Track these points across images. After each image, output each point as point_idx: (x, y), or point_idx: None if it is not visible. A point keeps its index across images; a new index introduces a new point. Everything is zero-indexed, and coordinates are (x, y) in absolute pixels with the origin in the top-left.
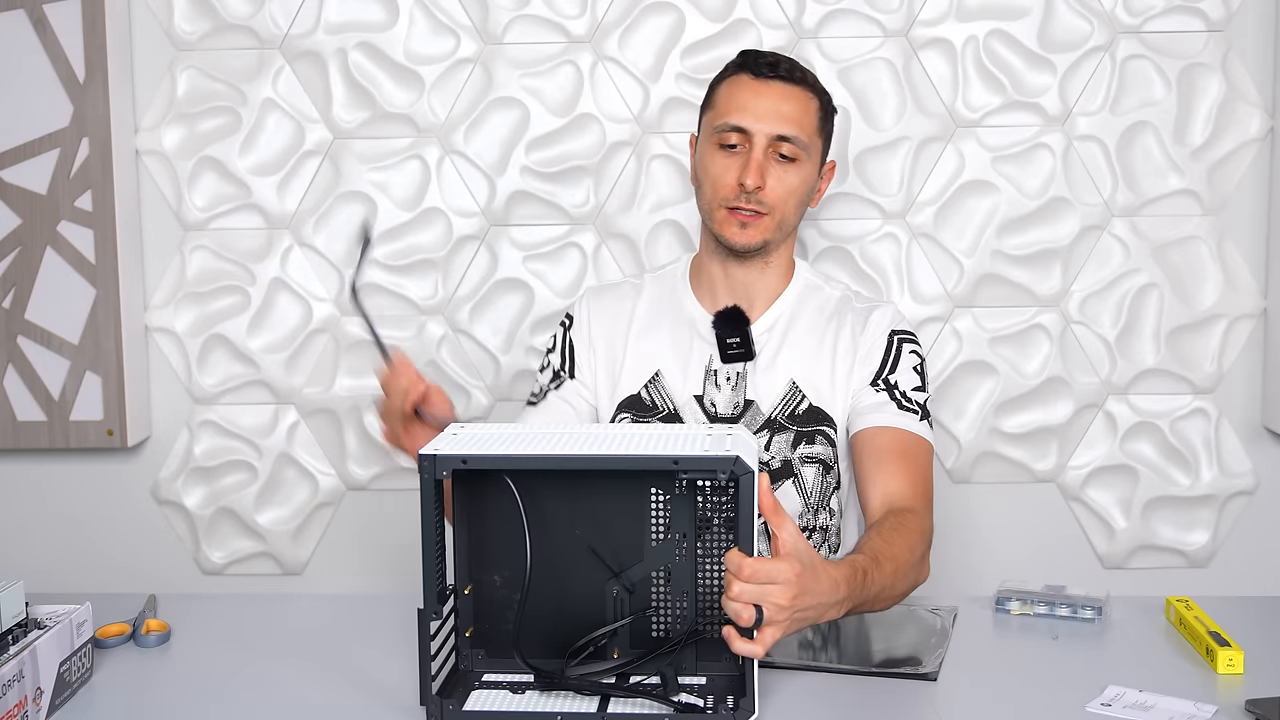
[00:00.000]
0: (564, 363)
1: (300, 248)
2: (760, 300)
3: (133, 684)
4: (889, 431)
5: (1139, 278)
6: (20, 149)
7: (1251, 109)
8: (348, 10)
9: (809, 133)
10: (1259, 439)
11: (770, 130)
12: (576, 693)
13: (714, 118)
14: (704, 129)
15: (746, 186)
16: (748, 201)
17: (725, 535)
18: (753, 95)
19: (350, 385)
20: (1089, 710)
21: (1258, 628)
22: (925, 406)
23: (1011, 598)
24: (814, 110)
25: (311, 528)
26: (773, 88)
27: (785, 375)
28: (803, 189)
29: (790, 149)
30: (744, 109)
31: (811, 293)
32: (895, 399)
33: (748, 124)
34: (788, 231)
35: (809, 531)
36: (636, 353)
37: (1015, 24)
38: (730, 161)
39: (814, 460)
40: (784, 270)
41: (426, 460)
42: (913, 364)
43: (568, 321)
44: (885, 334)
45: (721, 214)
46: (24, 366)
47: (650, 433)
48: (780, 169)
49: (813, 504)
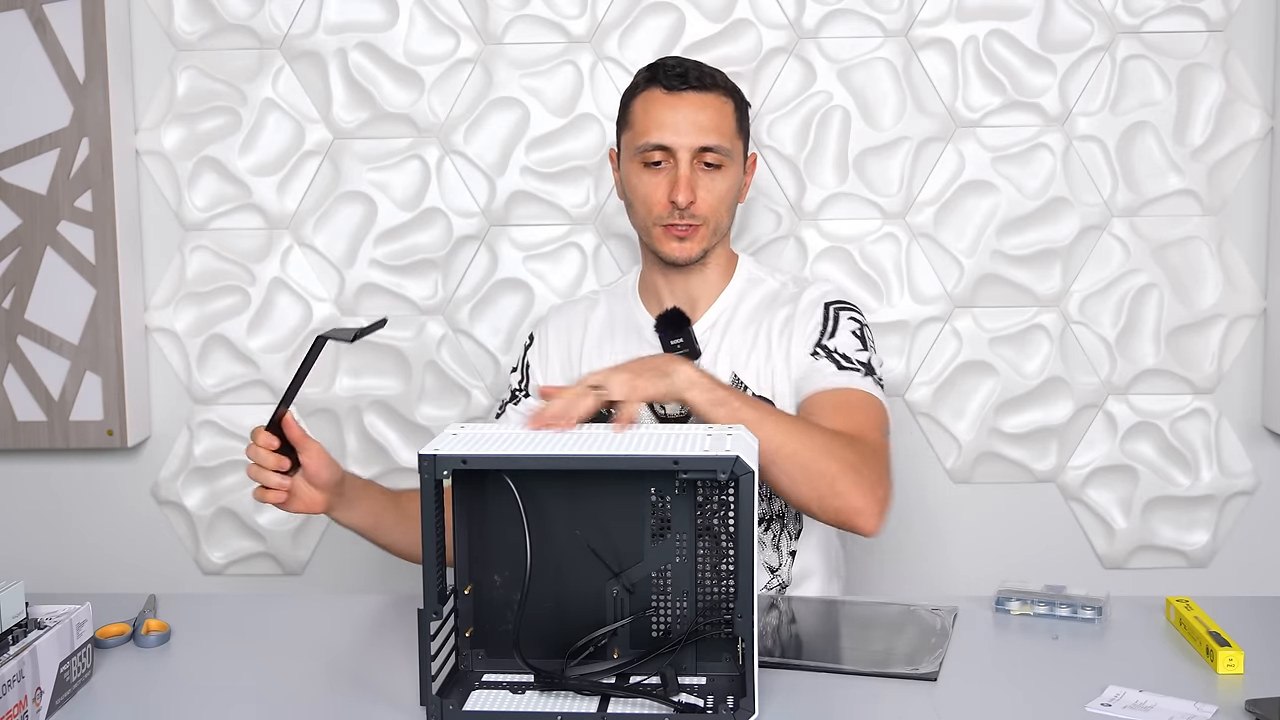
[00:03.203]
0: (522, 380)
1: (300, 248)
2: (703, 300)
3: (133, 684)
4: (827, 393)
5: (1139, 278)
6: (20, 149)
7: (1251, 109)
8: (348, 10)
9: (729, 137)
10: (1259, 439)
11: (692, 144)
12: (576, 693)
13: (634, 137)
14: (625, 147)
15: (679, 204)
16: (681, 217)
17: (725, 535)
18: (669, 110)
19: (350, 386)
20: (1089, 710)
21: (1258, 628)
22: (869, 364)
23: (1011, 598)
24: (730, 113)
25: (311, 528)
26: (687, 99)
27: (726, 369)
28: (731, 193)
29: (714, 157)
30: (663, 125)
31: (754, 286)
32: (834, 360)
33: (669, 140)
34: (722, 234)
35: (766, 521)
36: (592, 363)
37: (1015, 24)
38: (657, 179)
39: None
40: (724, 268)
41: (426, 460)
42: (851, 329)
43: (529, 341)
44: (819, 306)
45: (657, 231)
46: (24, 366)
47: (650, 433)
48: (708, 178)
49: (765, 492)
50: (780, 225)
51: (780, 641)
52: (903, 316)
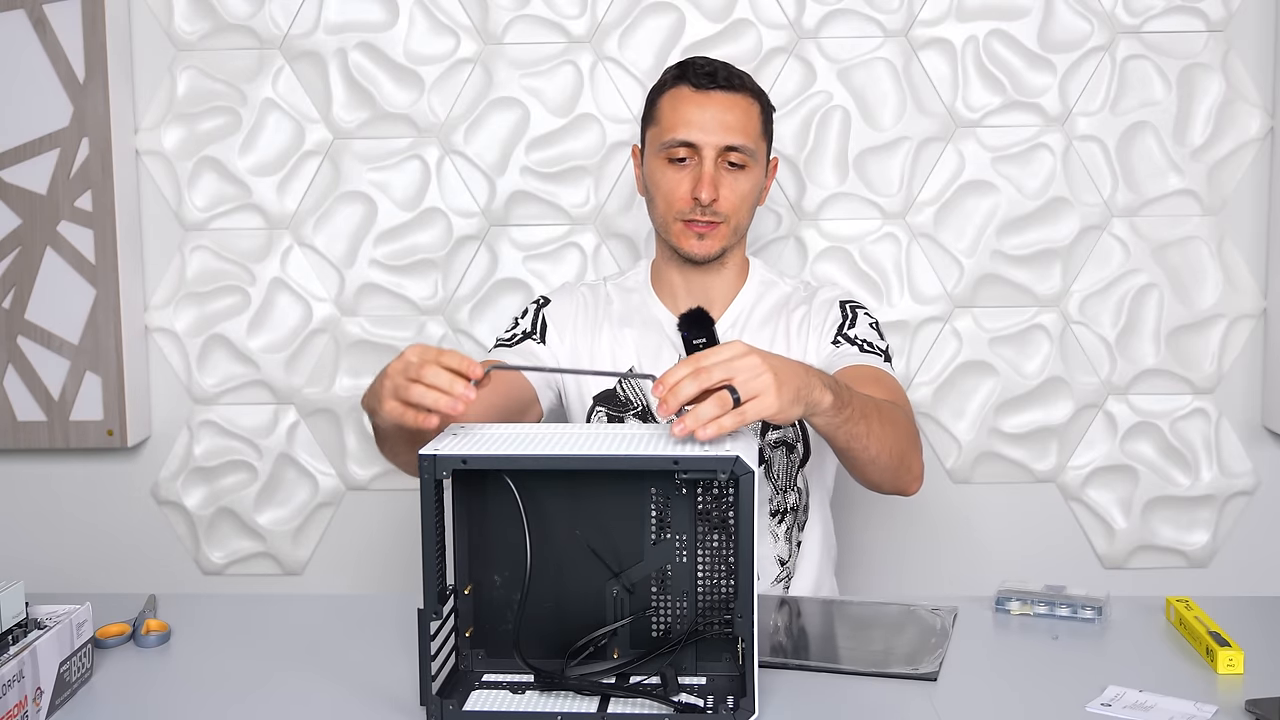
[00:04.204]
0: (535, 330)
1: (300, 248)
2: (719, 300)
3: (133, 684)
4: (857, 367)
5: (1139, 278)
6: (20, 149)
7: (1251, 109)
8: (348, 10)
9: (754, 138)
10: (1259, 439)
11: (719, 142)
12: (576, 693)
13: (660, 133)
14: (650, 143)
15: (702, 200)
16: (703, 214)
17: (725, 535)
18: (697, 108)
19: (350, 385)
20: (1089, 710)
21: (1258, 628)
22: (887, 352)
23: (1011, 598)
24: (756, 115)
25: (311, 528)
26: (715, 98)
27: None
28: (753, 193)
29: (739, 157)
30: (690, 123)
31: (767, 289)
32: (857, 345)
33: (695, 138)
34: (741, 234)
35: (780, 514)
36: (609, 348)
37: (1015, 24)
38: (681, 175)
39: (780, 443)
40: (740, 270)
41: (426, 460)
42: (868, 323)
43: (542, 301)
44: (835, 304)
45: (678, 227)
46: (24, 366)
47: (650, 433)
48: (731, 177)
49: (780, 485)
50: (780, 225)
51: (780, 641)
52: (903, 316)
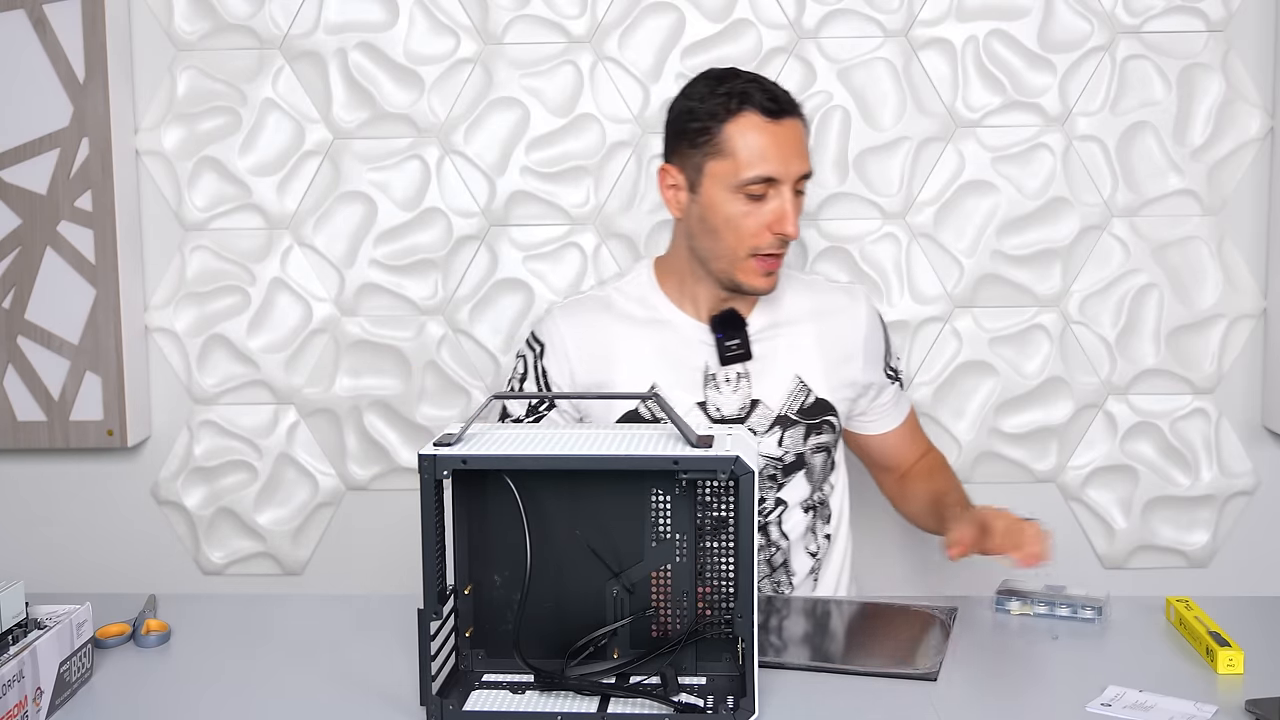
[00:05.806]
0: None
1: (300, 248)
2: (744, 301)
3: (133, 684)
4: (908, 423)
5: (1139, 278)
6: (20, 149)
7: (1251, 109)
8: (348, 10)
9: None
10: (1259, 439)
11: (796, 173)
12: (576, 693)
13: (736, 168)
14: (718, 176)
15: (789, 235)
16: (780, 247)
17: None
18: (774, 142)
19: (350, 385)
20: (1089, 710)
21: (1258, 628)
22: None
23: (1011, 598)
24: (807, 135)
25: (311, 528)
26: (786, 127)
27: (789, 371)
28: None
29: (803, 183)
30: (768, 157)
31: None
32: (898, 381)
33: (776, 172)
34: None
35: (812, 508)
36: (626, 369)
37: (1015, 24)
38: (756, 208)
39: (821, 449)
40: None
41: (426, 460)
42: (889, 338)
43: (537, 348)
44: (874, 319)
45: (750, 263)
46: (24, 366)
47: (650, 433)
48: (796, 203)
49: (817, 483)
50: None
51: (780, 641)
52: (903, 316)
